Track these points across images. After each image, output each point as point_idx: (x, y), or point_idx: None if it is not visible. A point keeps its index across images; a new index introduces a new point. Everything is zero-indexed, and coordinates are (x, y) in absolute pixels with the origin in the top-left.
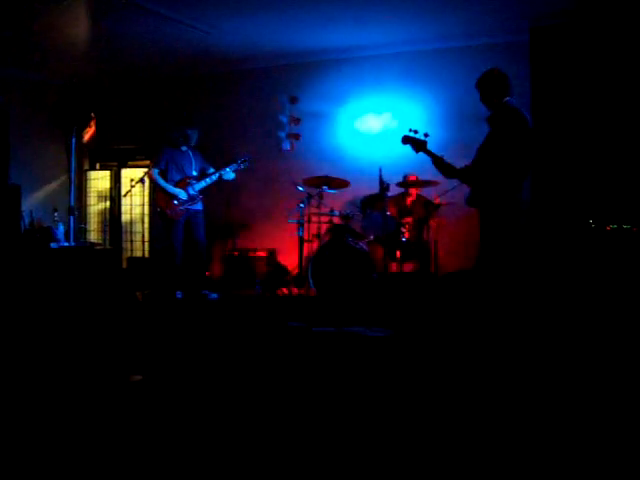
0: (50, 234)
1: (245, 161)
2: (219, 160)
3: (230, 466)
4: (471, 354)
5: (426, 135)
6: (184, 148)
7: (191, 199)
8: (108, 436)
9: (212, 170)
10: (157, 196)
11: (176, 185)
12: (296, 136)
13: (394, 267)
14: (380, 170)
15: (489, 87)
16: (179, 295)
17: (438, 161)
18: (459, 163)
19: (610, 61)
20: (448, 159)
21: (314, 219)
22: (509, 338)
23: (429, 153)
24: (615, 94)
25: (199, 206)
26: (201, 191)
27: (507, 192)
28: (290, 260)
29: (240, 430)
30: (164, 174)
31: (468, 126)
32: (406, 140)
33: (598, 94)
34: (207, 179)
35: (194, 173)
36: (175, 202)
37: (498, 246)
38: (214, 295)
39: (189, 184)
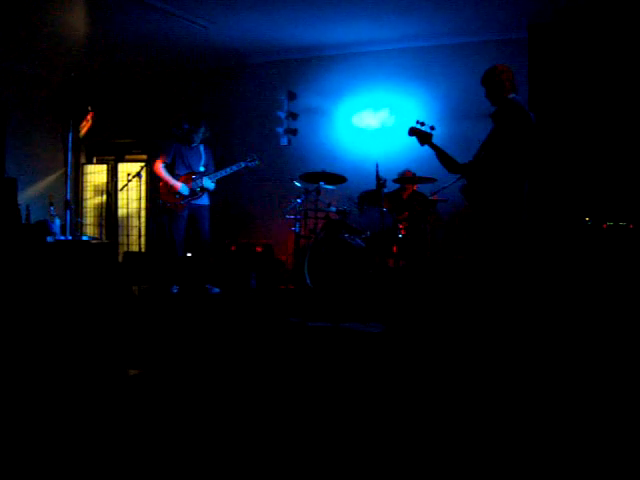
0: (46, 228)
1: (254, 160)
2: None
3: (227, 460)
4: (466, 350)
5: (432, 128)
6: (194, 144)
7: (193, 194)
8: (106, 430)
9: (212, 168)
10: (160, 189)
11: (180, 179)
12: (293, 131)
13: (390, 263)
14: (377, 166)
15: (494, 83)
16: (175, 290)
17: (442, 155)
18: (457, 159)
19: (608, 59)
20: None
21: (311, 214)
22: (505, 334)
23: (433, 146)
24: (612, 92)
25: (204, 201)
26: (203, 188)
27: (510, 189)
28: (287, 255)
29: (236, 425)
30: (170, 168)
31: (465, 122)
32: (412, 132)
33: (595, 92)
34: (212, 176)
35: (201, 169)
36: (177, 196)
37: (497, 242)
38: (216, 289)
39: (193, 179)
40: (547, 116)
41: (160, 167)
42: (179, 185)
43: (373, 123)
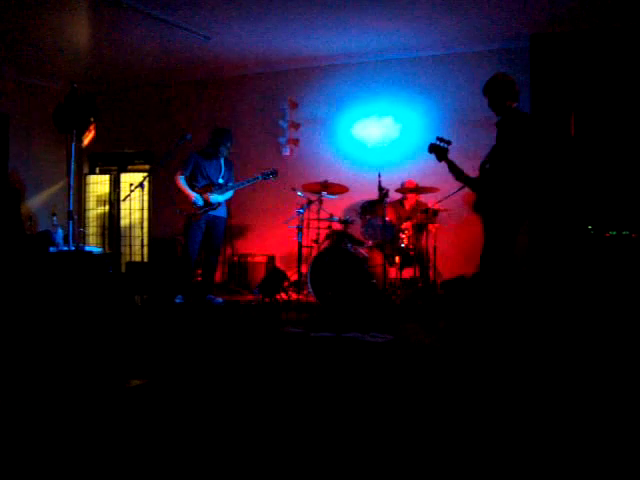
0: (49, 238)
1: (271, 173)
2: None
3: (230, 471)
4: (470, 360)
5: (449, 143)
6: (219, 157)
7: (207, 205)
8: (107, 439)
9: (232, 181)
10: (178, 199)
11: (198, 191)
12: (295, 141)
13: (393, 273)
14: (379, 176)
15: (497, 92)
16: (178, 300)
17: (455, 170)
18: (461, 167)
19: (610, 67)
20: None
21: (313, 225)
22: (509, 344)
23: (448, 162)
24: (615, 101)
25: (220, 213)
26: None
27: (518, 197)
28: (289, 265)
29: (240, 436)
30: (189, 180)
31: (467, 131)
32: (432, 149)
33: (597, 101)
34: (229, 189)
35: (220, 181)
36: (193, 206)
37: (502, 250)
38: (219, 300)
39: (211, 191)
40: (549, 125)
41: (179, 179)
42: (194, 195)
43: (375, 133)
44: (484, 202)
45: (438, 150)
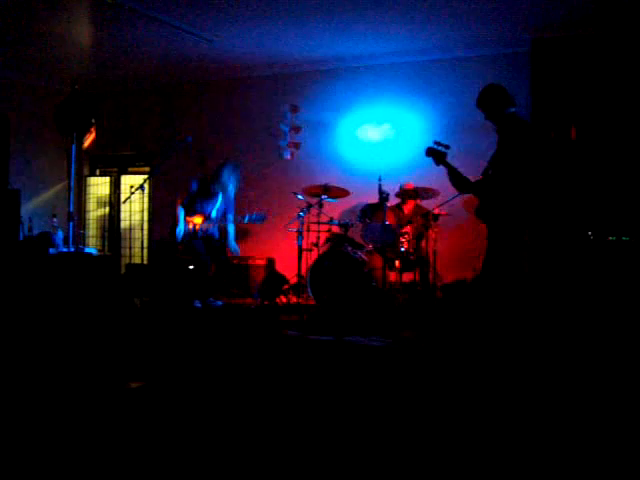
0: (49, 240)
1: (260, 219)
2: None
3: (228, 473)
4: (470, 364)
5: (447, 147)
6: (224, 192)
7: (189, 236)
8: (106, 441)
9: (231, 216)
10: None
11: (189, 219)
12: (296, 145)
13: (393, 277)
14: (380, 179)
15: (494, 102)
16: (198, 304)
17: (454, 174)
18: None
19: (612, 73)
20: None
21: (313, 228)
22: (509, 349)
23: (447, 165)
24: (616, 107)
25: (213, 233)
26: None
27: (522, 204)
28: (289, 269)
29: (238, 439)
30: (189, 204)
31: (467, 136)
32: (429, 152)
33: (598, 106)
34: (215, 224)
35: (213, 214)
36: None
37: (506, 258)
38: (219, 303)
39: (201, 222)
40: (550, 129)
41: (178, 209)
42: (178, 229)
43: (376, 137)
44: (488, 208)
45: (436, 154)
